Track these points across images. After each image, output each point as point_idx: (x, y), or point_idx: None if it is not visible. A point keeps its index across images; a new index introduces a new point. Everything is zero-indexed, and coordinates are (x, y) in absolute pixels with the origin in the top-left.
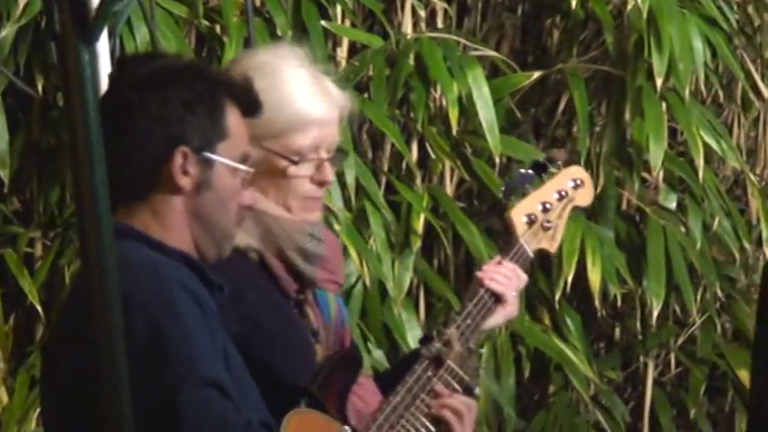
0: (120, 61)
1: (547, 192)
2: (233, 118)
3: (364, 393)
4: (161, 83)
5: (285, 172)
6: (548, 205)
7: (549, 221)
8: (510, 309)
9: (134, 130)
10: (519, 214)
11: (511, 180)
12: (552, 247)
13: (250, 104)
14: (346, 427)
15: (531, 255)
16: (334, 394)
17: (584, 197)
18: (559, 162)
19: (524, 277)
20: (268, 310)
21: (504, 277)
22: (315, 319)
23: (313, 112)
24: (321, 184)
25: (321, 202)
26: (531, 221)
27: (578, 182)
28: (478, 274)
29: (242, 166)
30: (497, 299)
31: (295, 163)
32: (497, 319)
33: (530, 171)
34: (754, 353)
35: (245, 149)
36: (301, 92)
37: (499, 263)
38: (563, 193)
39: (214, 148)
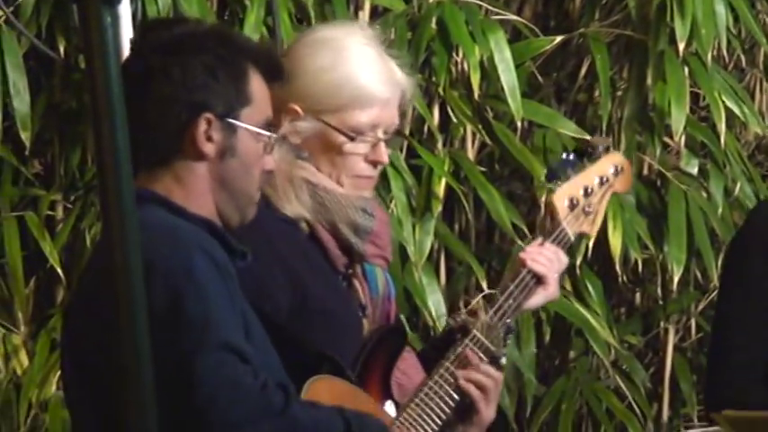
0: (143, 26)
1: (589, 177)
2: (256, 83)
3: (407, 368)
4: (184, 48)
5: (341, 148)
6: (589, 190)
7: (589, 206)
8: (551, 290)
9: (157, 95)
10: (561, 198)
11: (554, 164)
12: (592, 231)
13: (273, 70)
14: (389, 402)
15: (573, 238)
16: (378, 368)
17: (624, 184)
18: (601, 148)
19: (565, 260)
20: (318, 281)
21: (547, 259)
22: (363, 294)
23: (376, 91)
24: (375, 163)
25: (374, 181)
26: (573, 205)
27: (619, 168)
28: (521, 255)
29: (265, 132)
30: (539, 280)
31: (352, 139)
32: (538, 299)
33: (572, 156)
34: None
35: (268, 115)
36: (366, 70)
37: (541, 245)
38: (604, 179)
39: (237, 114)
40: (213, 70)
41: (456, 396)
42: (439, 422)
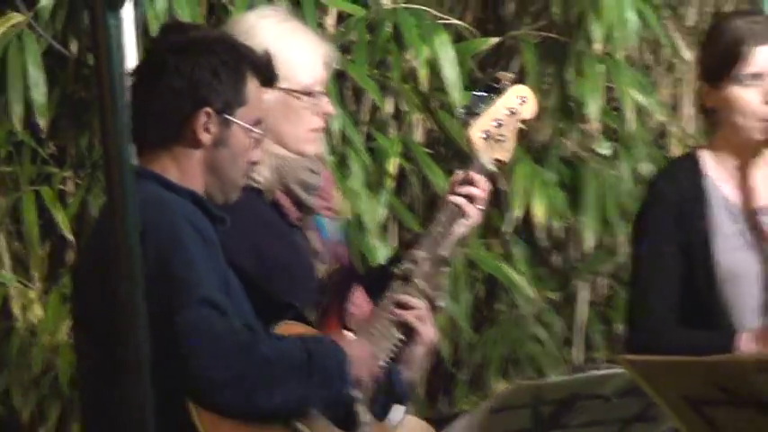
0: (164, 28)
1: (498, 109)
2: (252, 87)
3: (358, 300)
4: (195, 51)
5: (298, 108)
6: (500, 121)
7: (501, 135)
8: (473, 220)
9: (168, 88)
10: (476, 132)
11: (468, 102)
12: (506, 157)
13: (268, 76)
14: (345, 331)
15: (490, 166)
16: (336, 302)
17: (530, 111)
18: (506, 82)
19: (488, 185)
20: (275, 241)
21: (467, 191)
22: (315, 240)
23: (311, 56)
24: (324, 115)
25: (321, 134)
26: (487, 136)
27: (524, 99)
28: (448, 190)
29: (255, 129)
30: (461, 211)
31: (309, 95)
32: (462, 228)
33: (482, 93)
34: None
35: (259, 115)
36: (300, 40)
37: (464, 176)
38: (512, 109)
39: (233, 111)
40: (217, 72)
41: (399, 335)
42: (393, 343)
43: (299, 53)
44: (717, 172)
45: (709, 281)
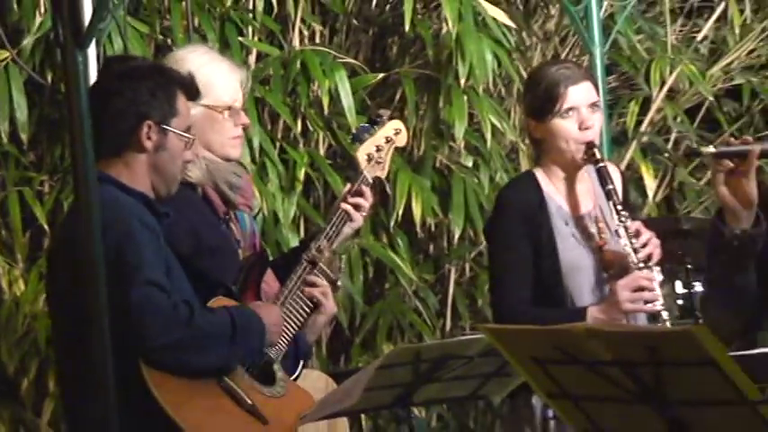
0: (106, 60)
1: (378, 138)
2: (181, 102)
3: (268, 279)
4: (134, 77)
5: (220, 121)
6: (380, 147)
7: (380, 157)
8: (357, 223)
9: (115, 108)
10: (361, 154)
11: (356, 131)
12: (383, 174)
13: (193, 92)
14: (257, 303)
15: (371, 180)
16: (253, 281)
17: (403, 139)
18: (385, 117)
19: (371, 196)
20: (208, 228)
21: (354, 201)
22: (237, 231)
23: (230, 79)
24: (242, 125)
25: (242, 139)
26: (370, 158)
27: (398, 130)
28: (340, 199)
29: (186, 135)
30: (350, 215)
31: (229, 108)
32: (350, 229)
33: (367, 125)
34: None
35: (189, 123)
36: (222, 67)
37: (350, 189)
38: (389, 138)
39: (169, 122)
40: (153, 92)
41: (307, 308)
42: (302, 313)
43: (221, 77)
44: (549, 186)
45: (555, 273)
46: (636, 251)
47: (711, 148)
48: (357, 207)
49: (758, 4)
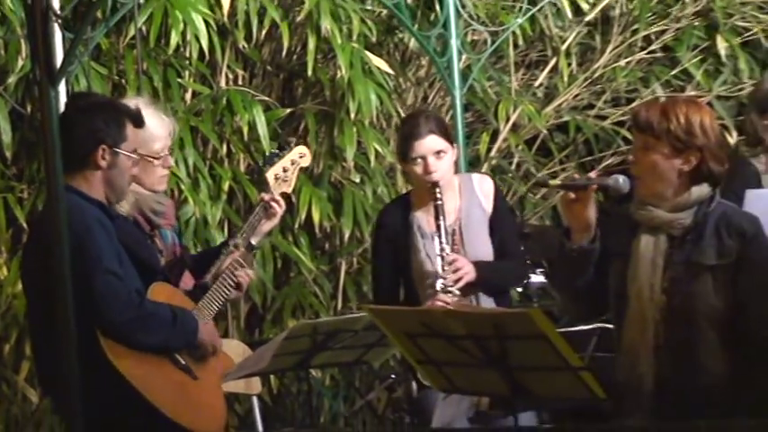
0: (72, 96)
1: (285, 161)
2: (130, 129)
3: (185, 279)
4: (93, 109)
5: (152, 164)
6: (286, 168)
7: (287, 177)
8: (275, 220)
9: (78, 134)
10: (271, 175)
11: (267, 155)
12: (288, 190)
13: (138, 122)
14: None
15: (278, 196)
16: (173, 281)
17: (306, 162)
18: (293, 143)
19: (283, 204)
20: (137, 245)
21: (278, 204)
22: (160, 244)
23: (159, 132)
24: (168, 167)
25: (167, 178)
26: (277, 178)
27: (303, 154)
28: (259, 199)
29: (133, 155)
30: (269, 215)
31: (156, 159)
32: (268, 226)
33: (276, 150)
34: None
35: (135, 146)
36: (155, 120)
37: (261, 198)
38: (294, 160)
39: (119, 146)
40: (107, 122)
41: (232, 290)
42: (225, 292)
43: (154, 131)
44: (417, 207)
45: (411, 280)
46: (444, 278)
47: (557, 181)
48: (271, 211)
49: (582, 59)
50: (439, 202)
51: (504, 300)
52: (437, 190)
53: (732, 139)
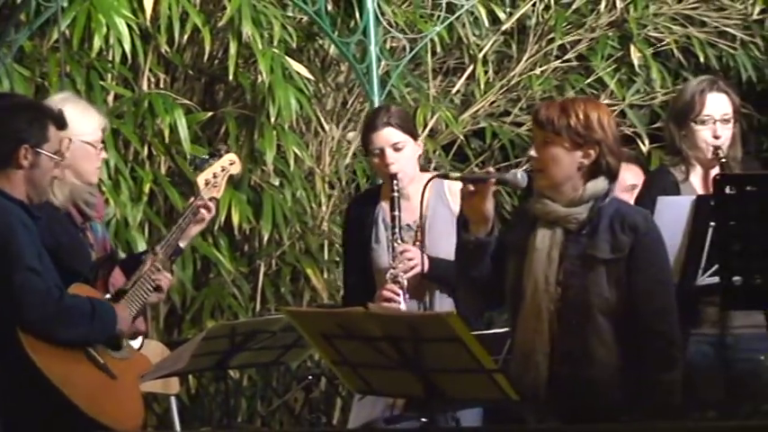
0: None
1: (215, 167)
2: (52, 130)
3: (115, 274)
4: (15, 110)
5: (87, 155)
6: (216, 174)
7: (216, 182)
8: (203, 225)
9: (1, 134)
10: (201, 180)
11: (197, 161)
12: (218, 195)
13: (61, 123)
14: (107, 295)
15: (207, 200)
16: (103, 277)
17: (237, 169)
18: (223, 151)
19: (213, 209)
20: (68, 236)
21: (207, 210)
22: (91, 238)
23: (94, 123)
24: (102, 159)
25: (100, 170)
26: (207, 183)
27: (232, 161)
28: (190, 203)
29: (55, 157)
30: (197, 219)
31: (95, 147)
32: (195, 230)
33: (206, 156)
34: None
35: (57, 148)
36: (89, 114)
37: (193, 201)
38: (224, 167)
39: (42, 146)
40: (30, 122)
41: (151, 292)
42: (144, 296)
43: (93, 119)
44: (383, 199)
45: (371, 267)
46: (394, 268)
47: (457, 174)
48: (199, 215)
49: (498, 66)
50: (395, 194)
51: None
52: (395, 182)
53: (644, 147)
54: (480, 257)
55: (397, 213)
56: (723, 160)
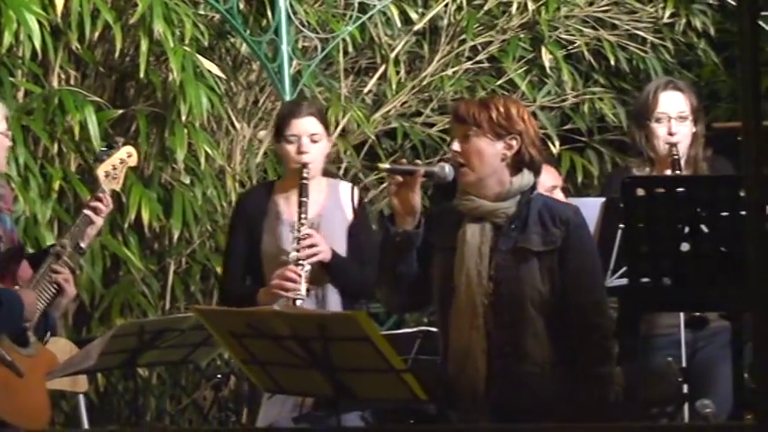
0: None
1: (114, 159)
2: None
3: (24, 268)
4: None
5: (5, 141)
6: (115, 166)
7: (115, 175)
8: (100, 222)
9: None
10: (101, 172)
11: (97, 153)
12: (117, 187)
13: None
14: (17, 286)
15: (108, 191)
16: (11, 270)
17: (134, 161)
18: (120, 143)
19: (110, 203)
20: None
21: (102, 206)
22: (1, 230)
23: (3, 110)
24: (7, 147)
25: (6, 158)
26: (107, 175)
27: (130, 154)
28: (87, 201)
29: None
30: (95, 213)
31: (6, 136)
32: (94, 229)
33: (105, 148)
34: None
35: None
36: None
37: (97, 197)
38: (123, 159)
39: None
40: None
41: (53, 290)
42: (49, 294)
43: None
44: (280, 194)
45: (260, 260)
46: (298, 251)
47: (387, 165)
48: (96, 210)
49: (410, 67)
50: (305, 182)
51: (351, 304)
52: (305, 171)
53: (555, 149)
54: (408, 251)
55: (305, 199)
56: (675, 157)
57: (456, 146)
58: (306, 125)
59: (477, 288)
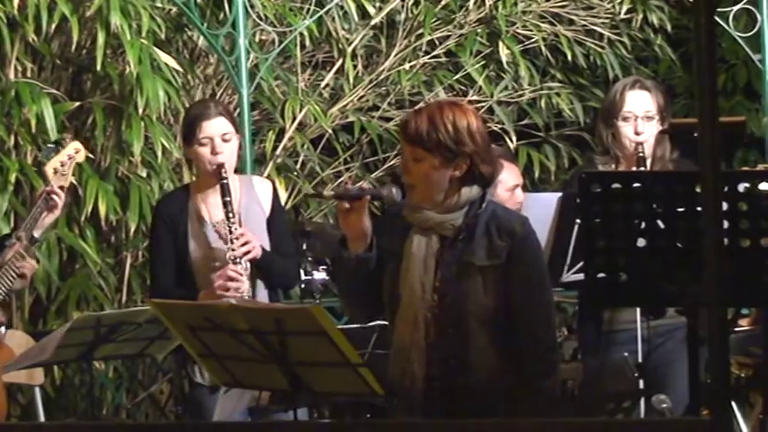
0: None
1: (62, 155)
2: None
3: None
4: None
5: None
6: (63, 162)
7: (64, 171)
8: (57, 212)
9: None
10: (49, 168)
11: (44, 151)
12: (67, 183)
13: None
14: None
15: (56, 188)
16: None
17: (82, 157)
18: (68, 139)
19: (64, 196)
20: None
21: (57, 196)
22: None
23: None
24: None
25: None
26: (56, 171)
27: (77, 150)
28: (40, 192)
29: None
30: (50, 207)
31: None
32: (50, 219)
33: (53, 144)
34: None
35: None
36: None
37: (42, 191)
38: (70, 156)
39: None
40: None
41: (15, 278)
42: (7, 283)
43: None
44: (197, 196)
45: (188, 263)
46: (234, 250)
47: (331, 192)
48: (51, 202)
49: (367, 61)
50: (225, 181)
51: (276, 297)
52: (223, 171)
53: (512, 144)
54: (362, 273)
55: (229, 199)
56: (641, 156)
57: (404, 167)
58: (217, 126)
59: (419, 301)
